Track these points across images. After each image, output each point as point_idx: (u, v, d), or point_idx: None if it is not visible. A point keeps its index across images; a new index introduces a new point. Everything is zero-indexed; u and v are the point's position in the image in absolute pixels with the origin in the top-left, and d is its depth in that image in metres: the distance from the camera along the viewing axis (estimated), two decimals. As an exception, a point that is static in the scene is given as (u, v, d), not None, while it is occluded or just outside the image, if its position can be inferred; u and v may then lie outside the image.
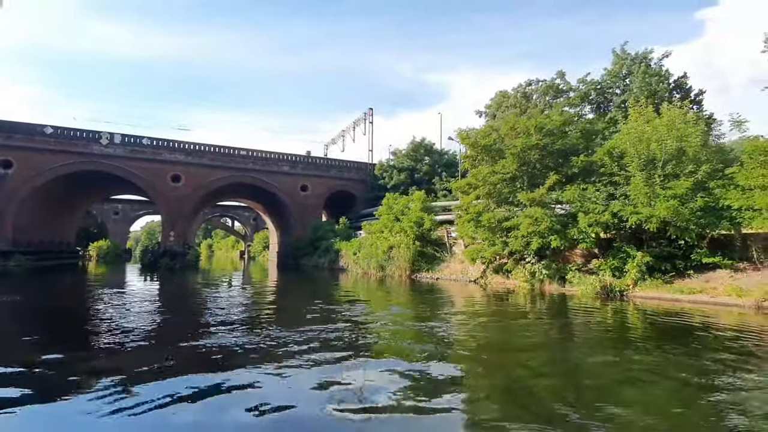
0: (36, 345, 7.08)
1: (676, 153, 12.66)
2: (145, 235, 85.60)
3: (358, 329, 8.25)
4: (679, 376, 5.58)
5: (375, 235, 26.28)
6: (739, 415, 4.31)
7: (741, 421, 4.15)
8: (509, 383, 5.38)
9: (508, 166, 15.71)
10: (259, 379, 5.23)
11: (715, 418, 4.31)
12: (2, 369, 5.56)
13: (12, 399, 4.48)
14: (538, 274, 15.05)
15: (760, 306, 10.29)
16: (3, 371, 5.48)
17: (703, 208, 11.84)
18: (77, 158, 31.38)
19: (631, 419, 4.22)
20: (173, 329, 8.85)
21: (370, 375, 5.47)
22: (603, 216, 12.95)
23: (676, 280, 12.33)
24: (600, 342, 8.04)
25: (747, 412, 4.37)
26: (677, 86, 33.48)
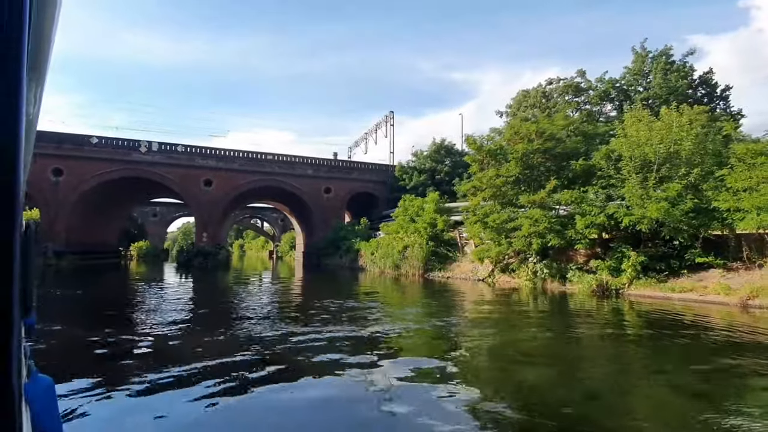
0: (100, 326, 8.67)
1: (669, 156, 13.05)
2: (182, 236, 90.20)
3: (373, 325, 9.03)
4: (655, 365, 6.40)
5: (392, 235, 27.39)
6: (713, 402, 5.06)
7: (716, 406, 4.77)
8: (506, 378, 5.88)
9: (512, 169, 16.44)
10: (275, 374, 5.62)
11: (690, 403, 4.98)
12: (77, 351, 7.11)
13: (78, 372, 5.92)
14: (540, 273, 15.72)
15: (744, 304, 10.67)
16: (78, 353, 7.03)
17: (695, 210, 12.23)
18: (119, 166, 34.19)
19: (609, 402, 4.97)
20: (200, 318, 10.35)
21: (384, 371, 5.78)
22: (599, 218, 13.52)
23: (670, 279, 12.77)
24: (585, 334, 8.84)
25: (724, 398, 4.90)
26: (702, 82, 32.73)
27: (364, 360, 6.25)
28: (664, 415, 4.45)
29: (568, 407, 4.56)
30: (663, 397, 5.01)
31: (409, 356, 6.63)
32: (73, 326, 8.81)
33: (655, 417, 4.37)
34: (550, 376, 5.83)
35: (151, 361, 6.16)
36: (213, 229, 38.02)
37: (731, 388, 5.28)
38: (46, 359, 6.02)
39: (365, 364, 6.08)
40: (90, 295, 14.52)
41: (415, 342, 7.66)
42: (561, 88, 35.72)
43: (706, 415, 4.29)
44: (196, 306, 12.66)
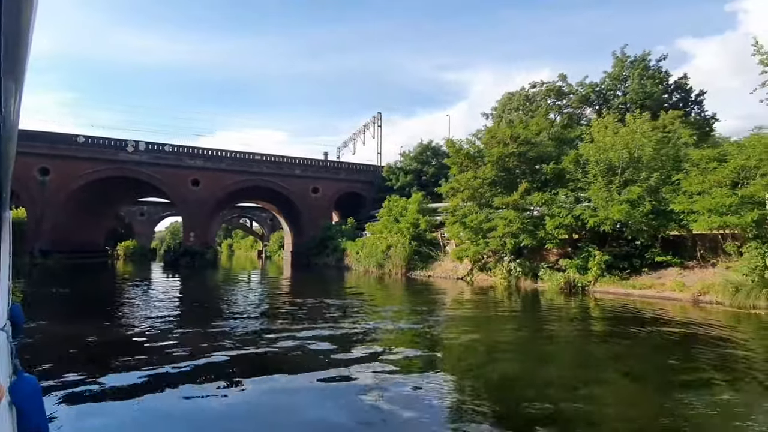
0: (84, 325, 9.09)
1: (632, 161, 13.85)
2: (169, 236, 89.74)
3: (354, 321, 9.46)
4: (614, 356, 7.10)
5: (376, 235, 27.98)
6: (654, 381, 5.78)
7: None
8: (480, 369, 6.31)
9: (488, 172, 17.13)
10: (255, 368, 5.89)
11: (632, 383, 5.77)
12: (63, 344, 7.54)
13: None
14: (514, 272, 16.44)
15: (696, 300, 11.47)
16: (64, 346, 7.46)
17: (654, 211, 13.03)
18: (106, 165, 34.21)
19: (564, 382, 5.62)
20: (184, 317, 10.82)
21: (364, 363, 6.12)
22: (567, 219, 14.26)
23: (632, 277, 13.56)
24: (552, 328, 9.52)
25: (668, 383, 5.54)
26: (677, 87, 33.84)
27: (342, 354, 6.60)
28: (622, 399, 5.10)
29: (535, 395, 5.04)
30: (621, 383, 5.70)
31: (388, 350, 6.97)
32: (58, 324, 9.19)
33: (615, 402, 4.98)
34: (520, 367, 6.43)
35: (134, 359, 6.37)
36: (201, 229, 38.21)
37: (683, 376, 5.81)
38: (32, 357, 6.19)
39: (344, 358, 6.40)
40: (76, 294, 14.82)
41: (392, 337, 8.13)
42: (543, 92, 36.51)
43: (658, 399, 4.95)
44: (180, 305, 13.08)
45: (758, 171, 11.14)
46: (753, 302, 10.26)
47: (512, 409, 4.65)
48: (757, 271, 10.33)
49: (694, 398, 4.82)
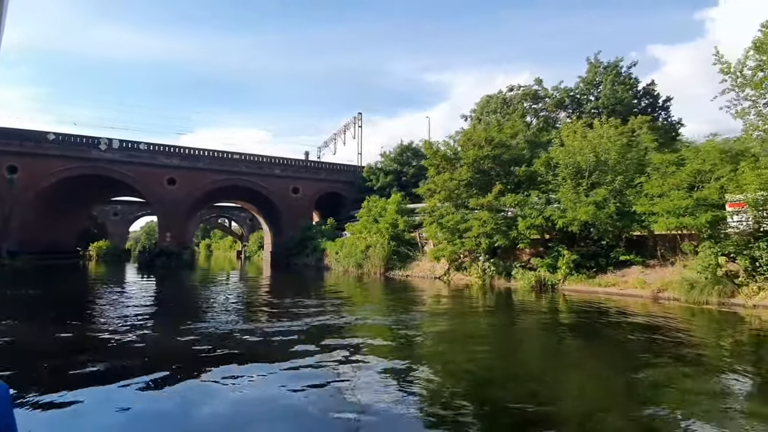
0: (51, 326, 8.96)
1: (599, 164, 14.50)
2: (145, 236, 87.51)
3: (331, 319, 9.65)
4: (580, 349, 7.48)
5: (356, 235, 28.14)
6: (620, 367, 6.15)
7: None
8: (454, 363, 6.56)
9: (464, 173, 17.56)
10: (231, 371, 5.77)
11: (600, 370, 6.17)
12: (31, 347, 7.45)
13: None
14: (488, 271, 16.91)
15: (656, 296, 12.14)
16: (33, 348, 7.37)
17: (619, 213, 13.69)
18: (78, 163, 33.22)
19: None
20: (157, 318, 10.76)
21: (342, 359, 6.30)
22: (537, 220, 14.81)
23: (598, 275, 14.20)
24: (523, 324, 9.92)
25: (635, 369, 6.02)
26: (645, 93, 35.26)
27: (320, 353, 6.69)
28: (585, 387, 5.49)
29: (504, 384, 5.45)
30: (585, 373, 6.11)
31: (363, 346, 7.18)
32: (27, 326, 9.04)
33: (578, 390, 5.38)
34: (490, 359, 6.81)
35: (105, 361, 6.28)
36: (177, 229, 37.52)
37: (644, 367, 6.24)
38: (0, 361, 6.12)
39: (320, 356, 6.51)
40: (45, 296, 14.46)
41: (370, 335, 8.25)
42: (520, 95, 37.41)
43: (616, 385, 5.42)
44: (152, 307, 12.94)
45: (712, 175, 11.88)
46: (706, 298, 10.95)
47: (483, 397, 4.98)
48: (710, 270, 11.02)
49: (652, 386, 5.31)
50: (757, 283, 10.64)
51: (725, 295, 10.80)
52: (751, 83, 22.71)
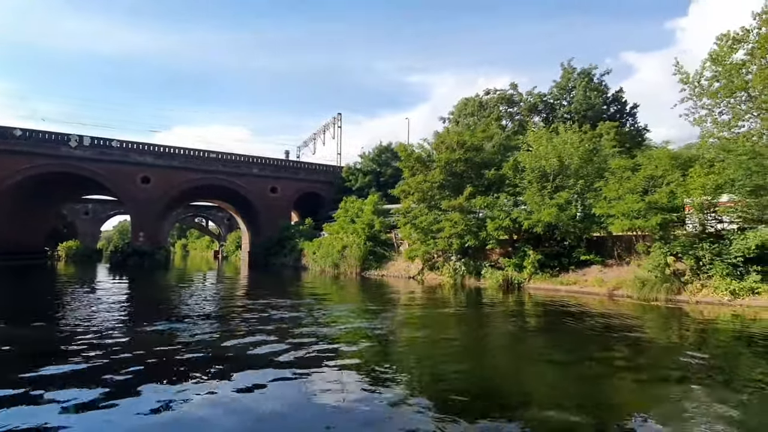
0: (18, 328, 8.88)
1: (562, 169, 15.22)
2: (117, 235, 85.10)
3: (307, 318, 9.83)
4: (540, 341, 7.97)
5: (333, 235, 28.34)
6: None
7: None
8: (425, 356, 7.02)
9: (436, 176, 18.05)
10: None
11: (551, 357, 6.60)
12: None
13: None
14: (459, 270, 17.45)
15: (611, 294, 12.89)
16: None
17: (580, 215, 14.42)
18: (46, 160, 32.20)
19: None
20: (122, 318, 10.75)
21: (318, 357, 6.50)
22: (505, 221, 15.41)
23: (561, 274, 14.91)
24: (489, 320, 10.39)
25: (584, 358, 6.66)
26: (614, 100, 36.72)
27: (290, 351, 6.82)
28: (544, 375, 6.04)
29: (470, 376, 5.87)
30: (544, 363, 6.65)
31: (335, 345, 7.41)
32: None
33: (539, 379, 5.91)
34: (459, 352, 7.31)
35: (68, 364, 6.15)
36: (151, 229, 36.79)
37: (595, 356, 6.92)
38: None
39: (290, 355, 6.63)
40: (5, 299, 14.03)
41: (339, 333, 8.49)
42: (496, 99, 38.31)
43: (571, 373, 5.97)
44: (121, 308, 12.84)
45: (663, 180, 12.68)
46: (655, 295, 11.72)
47: (450, 386, 5.42)
48: (659, 269, 11.79)
49: (601, 371, 6.02)
50: (701, 281, 11.46)
51: (672, 292, 11.59)
52: (707, 93, 24.10)
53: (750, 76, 21.89)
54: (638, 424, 4.36)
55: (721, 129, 22.16)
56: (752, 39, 22.50)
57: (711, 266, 11.20)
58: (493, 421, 4.31)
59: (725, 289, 10.76)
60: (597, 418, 4.38)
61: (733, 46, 23.35)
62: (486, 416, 4.44)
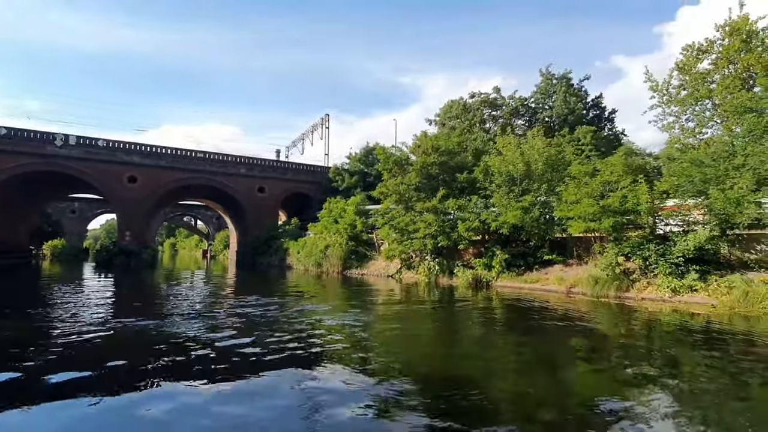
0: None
1: (528, 173, 16.09)
2: (105, 234, 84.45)
3: (290, 314, 10.46)
4: (506, 335, 8.79)
5: (317, 235, 28.97)
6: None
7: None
8: (399, 348, 7.72)
9: (412, 178, 18.81)
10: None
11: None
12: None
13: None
14: (433, 269, 18.23)
15: (569, 291, 13.76)
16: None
17: (543, 217, 15.29)
18: (31, 159, 32.29)
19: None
20: (102, 316, 11.31)
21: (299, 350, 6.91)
22: (474, 222, 16.23)
23: (526, 273, 15.77)
24: (459, 316, 11.15)
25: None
26: (594, 105, 37.86)
27: (265, 349, 7.23)
28: (509, 364, 6.80)
29: (440, 367, 6.55)
30: (509, 354, 7.45)
31: (312, 339, 7.88)
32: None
33: (498, 362, 6.84)
34: (431, 345, 8.10)
35: (45, 362, 6.25)
36: (138, 228, 37.01)
37: (547, 343, 7.92)
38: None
39: (267, 354, 6.86)
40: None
41: (317, 329, 8.97)
42: (479, 102, 39.16)
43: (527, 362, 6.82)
44: (102, 306, 13.36)
45: (617, 185, 13.56)
46: (606, 292, 12.60)
47: (416, 371, 6.17)
48: (610, 268, 12.67)
49: (554, 356, 7.04)
50: (648, 279, 12.36)
51: (621, 289, 12.49)
52: (675, 101, 25.27)
53: (714, 85, 23.10)
54: (582, 404, 5.02)
55: (687, 135, 23.31)
56: (716, 50, 23.71)
57: (656, 266, 12.09)
58: (453, 398, 5.00)
59: (667, 286, 11.65)
60: (548, 392, 5.35)
61: (698, 57, 24.55)
62: (449, 394, 5.15)
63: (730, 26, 22.12)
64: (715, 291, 10.91)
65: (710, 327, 9.10)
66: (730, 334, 8.43)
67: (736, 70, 22.16)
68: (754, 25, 20.64)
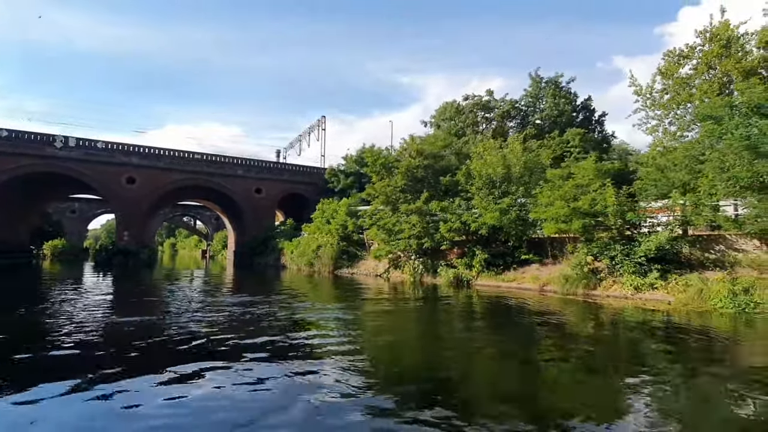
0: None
1: (507, 176, 16.75)
2: (105, 234, 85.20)
3: (281, 309, 11.13)
4: (481, 328, 9.48)
5: (310, 236, 29.65)
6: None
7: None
8: (383, 342, 8.28)
9: (398, 181, 19.48)
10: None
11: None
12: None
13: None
14: (418, 269, 18.90)
15: (542, 289, 14.42)
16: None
17: (520, 218, 15.96)
18: (31, 160, 33.00)
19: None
20: (92, 313, 11.99)
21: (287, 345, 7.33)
22: (455, 224, 16.89)
23: (504, 272, 16.43)
24: (440, 312, 11.82)
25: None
26: (583, 108, 38.46)
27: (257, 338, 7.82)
28: (485, 353, 7.47)
29: (420, 359, 7.19)
30: (487, 346, 8.08)
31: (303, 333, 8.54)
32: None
33: (474, 349, 7.66)
34: (413, 340, 8.82)
35: (36, 357, 6.45)
36: (137, 228, 37.69)
37: (520, 335, 8.75)
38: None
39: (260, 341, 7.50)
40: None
41: (313, 322, 9.82)
42: (471, 105, 39.76)
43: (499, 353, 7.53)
44: (94, 303, 14.04)
45: (588, 188, 14.19)
46: (575, 290, 13.26)
47: (404, 367, 6.74)
48: (580, 267, 13.31)
49: (525, 346, 7.81)
50: (614, 278, 13.01)
51: (589, 287, 13.14)
52: (657, 104, 25.95)
53: (695, 90, 23.75)
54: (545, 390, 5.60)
55: (670, 139, 23.95)
56: (696, 55, 24.39)
57: (622, 265, 12.74)
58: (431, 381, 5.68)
59: (630, 284, 12.30)
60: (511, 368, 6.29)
61: (679, 62, 25.23)
62: (428, 378, 5.84)
63: (711, 32, 22.78)
64: (673, 289, 11.55)
65: (663, 322, 9.80)
66: (680, 327, 9.12)
67: (715, 76, 22.82)
68: (735, 31, 21.20)
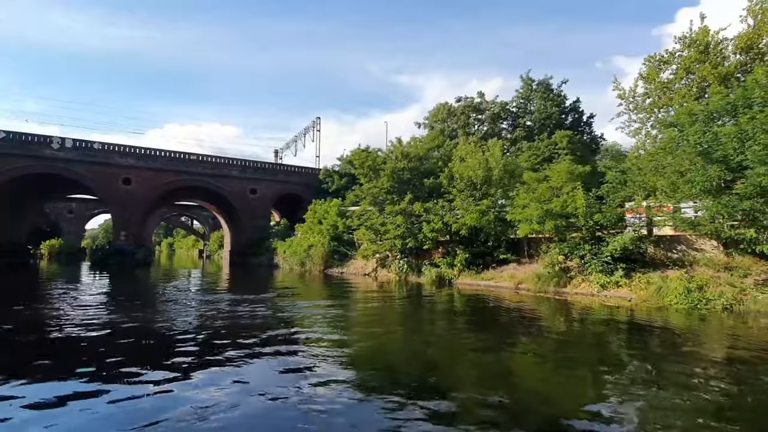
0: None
1: (486, 179, 17.40)
2: (103, 234, 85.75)
3: (272, 307, 11.84)
4: (461, 325, 10.10)
5: (302, 235, 30.29)
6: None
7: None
8: (368, 339, 8.55)
9: (384, 183, 20.11)
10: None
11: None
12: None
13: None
14: (403, 268, 19.55)
15: (517, 288, 15.08)
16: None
17: (498, 219, 16.61)
18: (29, 161, 33.55)
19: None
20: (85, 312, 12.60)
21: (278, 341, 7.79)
22: (437, 224, 17.54)
23: (484, 271, 17.08)
24: (423, 309, 12.45)
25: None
26: (572, 110, 39.10)
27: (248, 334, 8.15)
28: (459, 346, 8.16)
29: (399, 351, 7.75)
30: (460, 339, 8.78)
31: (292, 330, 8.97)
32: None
33: (448, 344, 8.13)
34: (397, 335, 9.34)
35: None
36: (133, 228, 38.21)
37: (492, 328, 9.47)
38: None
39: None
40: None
41: (304, 317, 10.44)
42: (463, 107, 40.38)
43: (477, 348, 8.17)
44: (86, 301, 14.65)
45: (561, 191, 14.84)
46: (546, 288, 13.91)
47: (381, 352, 7.45)
48: (551, 266, 13.96)
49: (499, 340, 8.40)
50: (583, 276, 13.67)
51: (559, 285, 13.80)
52: (640, 108, 26.66)
53: (675, 94, 24.47)
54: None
55: (652, 142, 24.65)
56: (676, 61, 25.13)
57: (590, 264, 13.39)
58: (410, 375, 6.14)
59: (597, 282, 12.95)
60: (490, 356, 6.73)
61: (660, 67, 25.96)
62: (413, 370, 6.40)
63: (689, 38, 23.47)
64: (636, 287, 12.21)
65: (620, 316, 10.46)
66: (639, 322, 9.75)
67: (693, 81, 23.52)
68: (715, 37, 21.83)
